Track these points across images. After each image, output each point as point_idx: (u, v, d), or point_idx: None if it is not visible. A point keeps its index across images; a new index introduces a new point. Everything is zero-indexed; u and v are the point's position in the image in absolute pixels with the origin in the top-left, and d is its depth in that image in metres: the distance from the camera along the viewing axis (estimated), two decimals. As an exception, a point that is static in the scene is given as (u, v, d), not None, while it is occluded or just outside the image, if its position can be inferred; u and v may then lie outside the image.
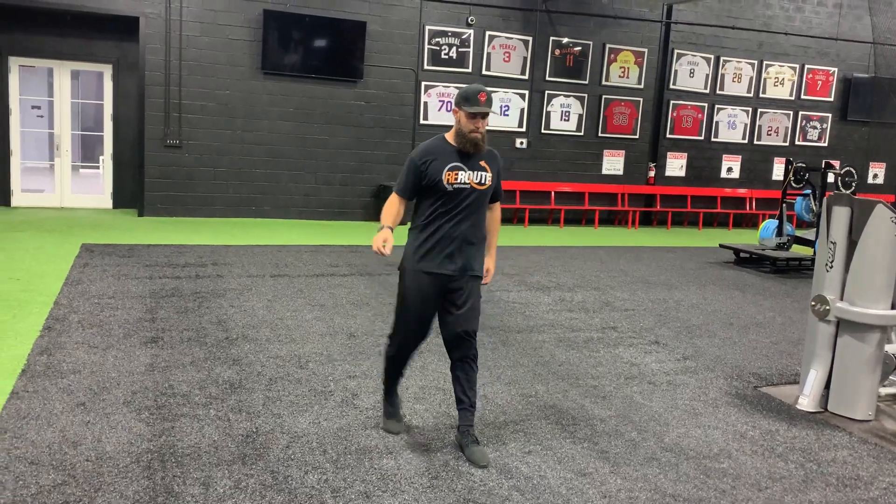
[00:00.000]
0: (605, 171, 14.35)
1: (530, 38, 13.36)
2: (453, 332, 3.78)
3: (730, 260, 10.66)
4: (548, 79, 13.61)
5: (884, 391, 4.86)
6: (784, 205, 10.54)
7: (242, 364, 4.97)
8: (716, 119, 14.99)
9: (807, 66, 15.47)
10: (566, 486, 3.53)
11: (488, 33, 13.08)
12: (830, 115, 15.85)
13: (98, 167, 12.53)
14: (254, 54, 11.77)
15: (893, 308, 4.59)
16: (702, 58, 14.66)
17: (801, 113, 15.61)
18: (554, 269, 9.20)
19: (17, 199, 11.86)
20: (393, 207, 3.81)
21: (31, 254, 8.20)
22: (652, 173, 14.66)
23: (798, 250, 10.57)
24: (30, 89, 11.92)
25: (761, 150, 15.48)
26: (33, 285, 6.79)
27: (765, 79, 15.21)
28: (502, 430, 4.13)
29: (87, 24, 11.59)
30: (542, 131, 13.73)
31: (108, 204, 12.33)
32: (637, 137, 14.46)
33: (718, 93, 14.91)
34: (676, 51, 14.43)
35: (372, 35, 12.32)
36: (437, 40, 12.78)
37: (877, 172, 16.55)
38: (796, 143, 15.70)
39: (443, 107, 12.93)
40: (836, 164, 10.28)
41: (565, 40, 13.62)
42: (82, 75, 12.28)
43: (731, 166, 15.35)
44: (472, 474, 3.59)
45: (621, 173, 14.48)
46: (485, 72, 13.14)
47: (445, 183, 3.69)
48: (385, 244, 3.64)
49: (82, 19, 11.47)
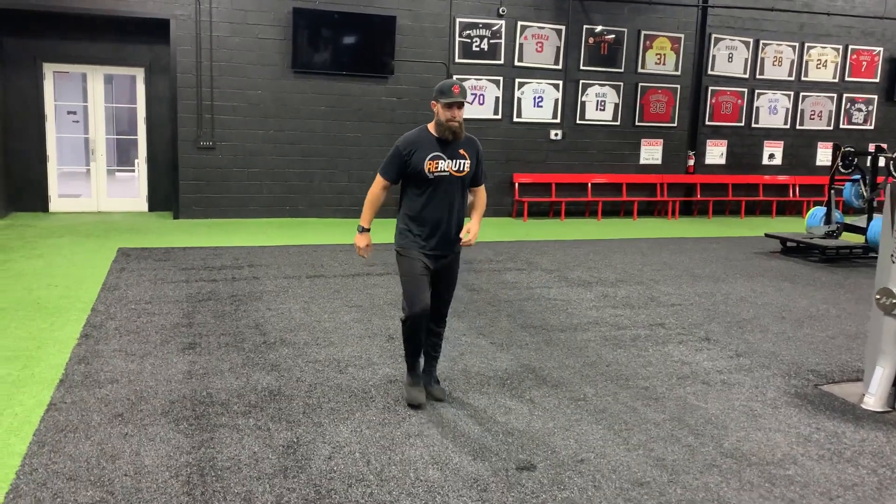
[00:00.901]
0: (642, 161, 14.03)
1: (563, 27, 13.09)
2: (434, 309, 4.28)
3: (776, 249, 10.31)
4: (582, 68, 13.33)
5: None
6: (832, 191, 10.17)
7: (281, 370, 4.85)
8: (756, 104, 14.57)
9: (850, 47, 14.95)
10: (623, 498, 3.34)
11: (520, 23, 12.84)
12: (876, 97, 15.33)
13: (133, 170, 12.58)
14: (284, 53, 11.70)
15: (966, 300, 4.31)
16: (740, 42, 14.25)
17: (845, 95, 15.11)
18: (595, 263, 8.97)
19: (55, 204, 11.94)
20: (375, 199, 4.23)
21: (68, 259, 8.20)
22: (691, 162, 14.30)
23: (848, 238, 10.20)
24: (64, 95, 11.99)
25: (804, 134, 15.02)
26: (71, 291, 6.76)
27: (806, 61, 14.74)
28: (552, 437, 3.95)
29: (118, 28, 11.62)
30: (577, 122, 13.46)
31: (144, 207, 12.36)
32: (675, 125, 14.12)
33: (758, 77, 14.48)
34: (714, 35, 14.03)
35: (402, 29, 12.16)
36: (468, 32, 12.59)
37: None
38: (841, 126, 15.21)
39: (475, 100, 12.74)
40: (886, 147, 9.88)
41: (599, 28, 13.32)
42: (115, 79, 12.33)
43: (773, 152, 14.92)
44: (523, 485, 3.42)
45: (660, 163, 14.15)
46: (517, 63, 12.91)
47: (427, 171, 4.05)
48: (366, 249, 4.28)
49: (113, 23, 11.50)
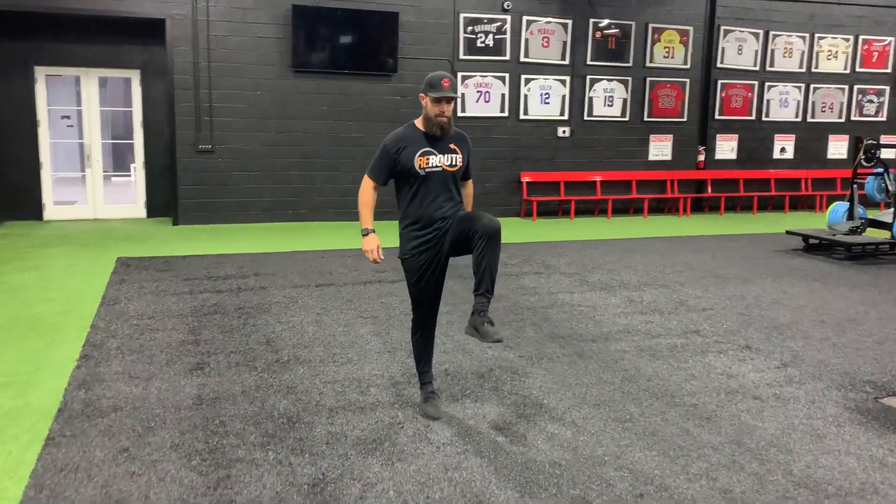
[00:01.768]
0: (651, 158, 13.68)
1: (569, 22, 12.73)
2: (478, 231, 3.65)
3: (797, 247, 9.97)
4: (589, 63, 12.97)
5: None
6: (855, 185, 9.83)
7: (298, 392, 4.48)
8: (766, 97, 14.22)
9: (862, 37, 14.61)
10: (693, 539, 2.98)
11: (525, 18, 12.47)
12: (888, 88, 14.99)
13: (130, 175, 12.19)
14: (284, 52, 11.32)
15: None
16: (750, 33, 13.90)
17: (856, 87, 14.77)
18: (613, 265, 8.61)
19: (50, 212, 11.54)
20: (368, 196, 4.02)
21: (65, 271, 7.82)
22: (701, 157, 13.96)
23: (872, 234, 9.86)
24: (57, 99, 11.60)
25: (816, 127, 14.68)
26: (69, 307, 6.38)
27: (817, 52, 14.40)
28: (603, 467, 3.59)
29: (112, 29, 11.22)
30: (585, 118, 13.10)
31: (142, 213, 11.97)
32: (685, 120, 13.77)
33: (769, 69, 14.14)
34: (723, 27, 13.68)
35: (405, 26, 11.79)
36: (472, 28, 12.21)
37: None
38: (852, 118, 14.87)
39: (481, 97, 12.37)
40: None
41: (606, 22, 12.96)
42: (110, 82, 11.95)
43: (785, 146, 14.58)
44: (579, 526, 3.07)
45: (669, 158, 13.79)
46: (523, 59, 12.54)
47: (418, 168, 3.87)
48: (378, 251, 3.98)
49: (107, 24, 11.10)
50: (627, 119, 13.36)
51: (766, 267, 8.61)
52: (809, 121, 14.60)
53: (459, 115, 12.23)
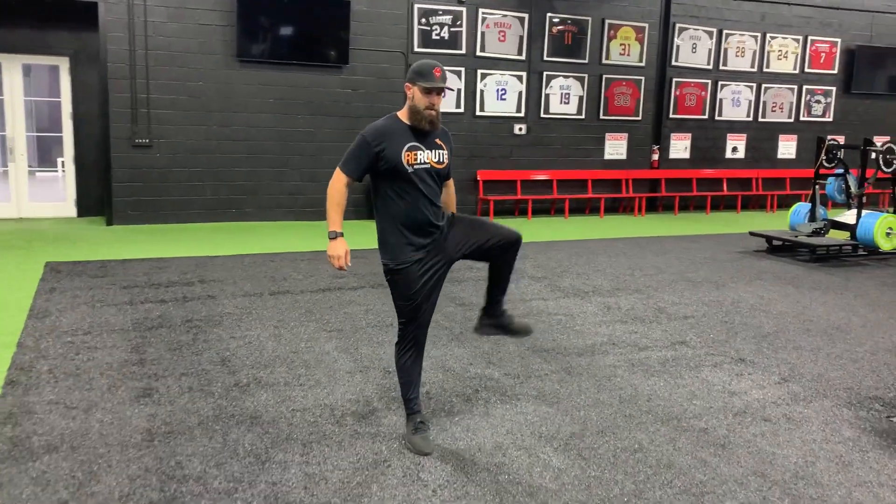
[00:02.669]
0: (607, 157, 13.45)
1: (526, 15, 12.37)
2: (502, 245, 3.68)
3: (760, 248, 9.84)
4: (546, 59, 12.64)
5: None
6: (816, 186, 9.74)
7: (264, 422, 3.95)
8: (719, 96, 14.17)
9: (810, 38, 14.71)
10: None
11: (482, 11, 12.06)
12: (834, 89, 15.14)
13: (56, 171, 11.31)
14: (228, 41, 10.62)
15: None
16: (704, 31, 13.81)
17: (805, 87, 14.87)
18: (581, 268, 8.27)
19: (-32, 211, 10.59)
20: (339, 195, 3.57)
21: (-15, 279, 7.04)
22: (655, 156, 13.81)
23: (835, 235, 9.79)
24: (-25, 87, 10.64)
25: (766, 127, 14.71)
26: (-10, 321, 5.67)
27: (768, 52, 14.43)
28: (621, 507, 3.18)
29: (38, 12, 10.33)
30: (542, 115, 12.77)
31: (72, 212, 11.11)
32: (640, 119, 13.59)
33: (722, 68, 14.09)
34: (678, 25, 13.55)
35: (357, 15, 11.23)
36: (427, 20, 11.74)
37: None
38: (801, 118, 14.97)
39: (436, 92, 11.87)
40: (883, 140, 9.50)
41: (561, 17, 12.64)
42: (35, 70, 11.05)
43: (736, 145, 14.57)
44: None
45: (624, 158, 13.60)
46: (479, 53, 12.13)
47: (406, 164, 3.51)
48: (346, 258, 3.59)
49: (32, 6, 10.20)
50: (583, 117, 13.10)
51: (735, 269, 8.40)
52: (760, 120, 14.63)
53: (413, 110, 11.73)
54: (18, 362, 4.76)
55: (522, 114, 12.61)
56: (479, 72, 12.17)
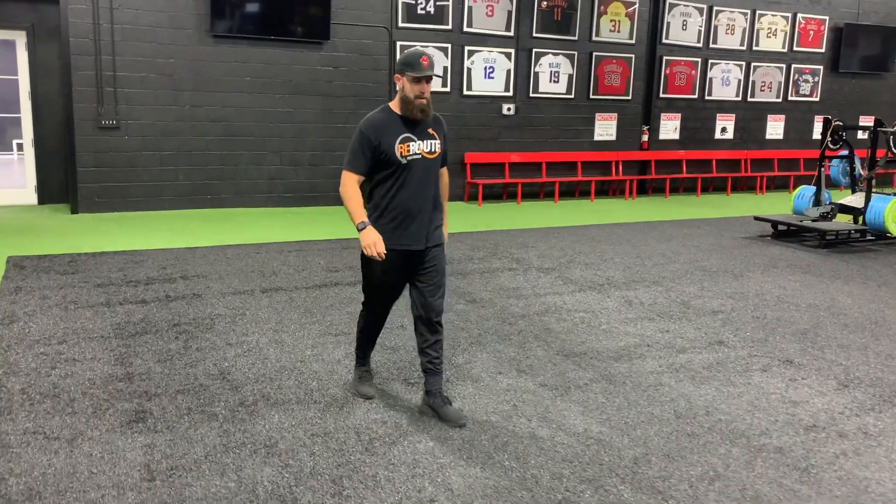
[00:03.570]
0: (597, 138, 13.01)
1: (515, -10, 11.80)
2: (422, 315, 3.73)
3: (763, 233, 9.50)
4: (535, 35, 12.10)
5: None
6: (821, 169, 9.40)
7: (281, 452, 3.41)
8: (709, 75, 13.79)
9: (799, 15, 14.38)
10: None
11: (469, -16, 11.46)
12: (822, 68, 14.86)
13: (12, 154, 10.49)
14: (201, 14, 9.89)
15: None
16: (694, 7, 13.39)
17: (793, 66, 14.56)
18: (587, 257, 7.82)
19: (-83, 198, 9.76)
20: (353, 192, 3.60)
21: (-59, 277, 6.34)
22: (645, 137, 13.40)
23: (841, 219, 9.47)
24: (-77, 64, 9.77)
25: (755, 107, 14.39)
26: (-51, 329, 5.01)
27: (758, 30, 14.06)
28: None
29: (-10, -19, 9.49)
30: (531, 95, 12.25)
31: (33, 199, 10.32)
32: (630, 98, 13.15)
33: (712, 46, 13.69)
34: (668, 1, 13.10)
35: (339, -12, 10.56)
36: (412, -7, 11.10)
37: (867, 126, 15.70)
38: (789, 98, 14.68)
39: (421, 70, 11.27)
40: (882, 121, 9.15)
41: (551, -9, 12.10)
42: (-12, 45, 10.18)
43: (726, 126, 14.23)
44: None
45: (614, 139, 13.16)
46: (466, 28, 11.54)
47: (399, 156, 3.58)
48: (380, 244, 3.55)
49: (-16, -25, 9.37)
50: (573, 97, 12.61)
51: (746, 257, 8.03)
52: (749, 100, 14.30)
53: (398, 88, 11.12)
54: (-15, 380, 4.14)
55: (511, 93, 12.08)
56: (466, 48, 11.59)
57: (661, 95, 13.41)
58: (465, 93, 11.70)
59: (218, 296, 5.99)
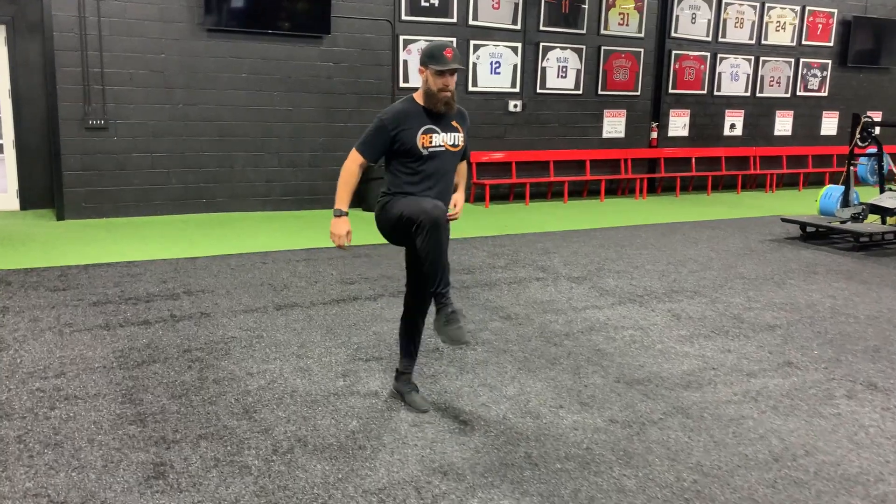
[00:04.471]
0: (605, 135, 12.54)
1: (521, -19, 11.29)
2: (420, 288, 3.75)
3: (791, 235, 9.08)
4: (542, 28, 11.60)
5: None
6: (850, 167, 9.00)
7: (332, 516, 2.89)
8: (718, 70, 13.36)
9: (808, 8, 13.99)
10: None
11: (474, -25, 10.93)
12: (830, 62, 14.50)
13: (-5, 158, 9.82)
14: (193, 6, 9.28)
15: None
16: (703, 0, 12.95)
17: (801, 60, 14.18)
18: (616, 264, 7.35)
19: None
20: (351, 177, 3.59)
21: (-82, 296, 5.73)
22: (654, 134, 12.96)
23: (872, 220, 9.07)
24: None
25: (764, 102, 13.99)
26: (-71, 360, 4.43)
27: (766, 23, 13.66)
28: None
29: (-34, -29, 8.82)
30: (538, 91, 11.76)
31: (14, 205, 9.67)
32: (638, 94, 12.69)
33: (721, 40, 13.26)
34: (677, -7, 12.66)
35: (339, -21, 9.99)
36: (415, -15, 10.56)
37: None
38: (798, 93, 14.30)
39: (426, 66, 10.74)
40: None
41: (558, -17, 11.61)
42: (-35, 40, 9.50)
43: (734, 122, 13.82)
44: None
45: (623, 136, 12.70)
46: (472, 21, 11.02)
47: (420, 147, 3.54)
48: (347, 237, 3.56)
49: (-40, -36, 8.70)
50: (581, 92, 12.13)
51: (781, 262, 7.60)
52: (758, 95, 13.90)
53: (402, 85, 10.61)
54: (-26, 426, 3.58)
55: (518, 89, 11.57)
56: (472, 42, 11.07)
57: (671, 91, 12.97)
58: (471, 89, 11.18)
59: (228, 314, 5.44)
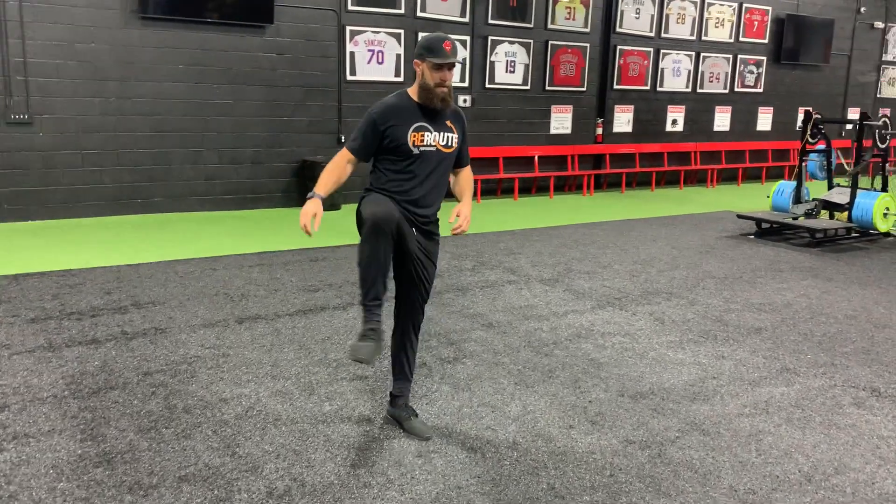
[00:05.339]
0: (553, 131, 12.40)
1: (470, -28, 11.00)
2: (407, 297, 3.50)
3: (745, 231, 9.11)
4: (490, 21, 11.35)
5: None
6: (802, 164, 9.09)
7: (351, 573, 2.53)
8: (661, 66, 13.41)
9: (745, 5, 14.20)
10: None
11: (422, -35, 10.58)
12: (765, 59, 14.78)
13: None
14: (126, -8, 8.63)
15: None
16: (647, -5, 12.96)
17: (739, 57, 14.39)
18: (582, 264, 7.16)
19: None
20: (337, 168, 3.36)
21: None
22: (600, 130, 12.90)
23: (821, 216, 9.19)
24: None
25: (704, 98, 14.15)
26: None
27: (707, 19, 13.79)
28: None
29: None
30: (487, 86, 11.50)
31: (-75, 207, 8.79)
32: (584, 90, 12.60)
33: (663, 36, 13.32)
34: (622, -12, 12.61)
35: (283, -34, 9.48)
36: (361, -26, 10.13)
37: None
38: (735, 89, 14.51)
39: (373, 58, 10.36)
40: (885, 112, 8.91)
41: (505, -25, 11.37)
42: None
43: (676, 118, 13.92)
44: None
45: (569, 132, 12.60)
46: (420, 13, 10.67)
47: (411, 145, 3.34)
48: (314, 220, 3.18)
49: None
50: (529, 88, 11.94)
51: (743, 260, 7.57)
52: (698, 91, 14.04)
53: (349, 78, 10.18)
54: None
55: (466, 83, 11.29)
56: (420, 35, 10.72)
57: (615, 87, 12.93)
58: (420, 83, 10.83)
59: (186, 330, 4.97)
